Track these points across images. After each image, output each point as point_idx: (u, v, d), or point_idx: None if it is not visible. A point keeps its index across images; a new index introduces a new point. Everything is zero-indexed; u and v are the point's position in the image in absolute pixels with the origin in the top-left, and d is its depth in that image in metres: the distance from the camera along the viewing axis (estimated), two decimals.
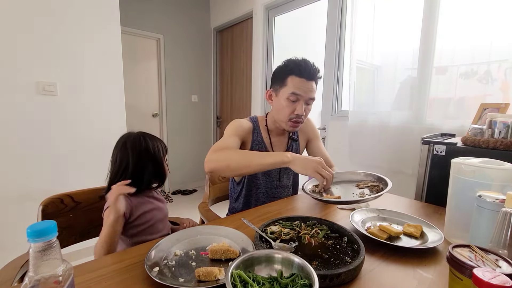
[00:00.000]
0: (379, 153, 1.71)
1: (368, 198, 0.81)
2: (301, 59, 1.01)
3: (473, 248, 0.49)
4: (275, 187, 1.14)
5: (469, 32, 1.38)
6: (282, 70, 1.02)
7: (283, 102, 1.01)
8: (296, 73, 0.98)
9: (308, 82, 0.99)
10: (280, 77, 1.02)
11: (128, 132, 0.94)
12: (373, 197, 0.80)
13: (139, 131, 0.94)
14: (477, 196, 0.60)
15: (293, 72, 0.98)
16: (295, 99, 0.99)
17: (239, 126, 1.05)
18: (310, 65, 0.99)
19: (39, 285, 0.34)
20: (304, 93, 0.99)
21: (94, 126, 1.89)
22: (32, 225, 0.35)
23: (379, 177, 0.97)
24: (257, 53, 2.76)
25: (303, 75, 0.98)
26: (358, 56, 1.79)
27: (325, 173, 0.79)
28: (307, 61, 1.01)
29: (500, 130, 0.94)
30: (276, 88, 1.04)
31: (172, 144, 3.43)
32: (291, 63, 1.00)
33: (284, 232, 0.68)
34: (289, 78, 0.99)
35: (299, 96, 0.99)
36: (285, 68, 1.01)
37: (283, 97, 1.01)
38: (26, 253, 0.85)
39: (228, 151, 0.91)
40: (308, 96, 1.00)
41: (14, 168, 1.64)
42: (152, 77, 3.22)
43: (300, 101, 1.00)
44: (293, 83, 0.98)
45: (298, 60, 1.01)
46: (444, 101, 1.50)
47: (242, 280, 0.44)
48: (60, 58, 1.74)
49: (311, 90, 1.00)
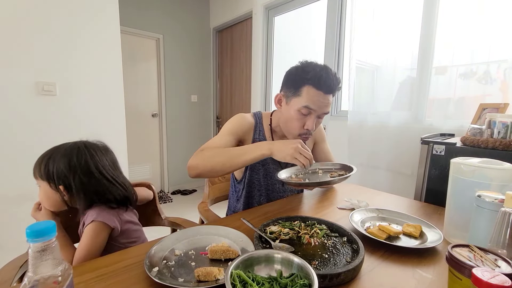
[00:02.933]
0: (379, 153, 1.71)
1: (335, 179, 0.84)
2: (322, 66, 0.88)
3: (472, 248, 0.49)
4: (277, 191, 1.10)
5: (468, 32, 1.38)
6: (299, 76, 0.88)
7: (293, 114, 0.90)
8: (314, 84, 0.85)
9: (325, 96, 0.87)
10: (295, 84, 0.89)
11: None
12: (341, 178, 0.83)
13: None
14: (476, 196, 0.60)
15: (311, 82, 0.86)
16: (307, 113, 0.89)
17: (238, 124, 0.99)
18: (331, 76, 0.86)
19: (38, 285, 0.34)
20: (319, 108, 0.88)
21: (93, 126, 1.89)
22: (31, 225, 0.35)
23: (344, 165, 0.98)
24: (256, 53, 2.76)
25: (322, 88, 0.85)
26: (357, 56, 1.79)
27: (302, 158, 0.77)
28: (328, 70, 0.87)
29: (499, 130, 0.95)
30: (288, 95, 0.91)
31: (171, 144, 3.43)
32: (311, 70, 0.86)
33: (284, 232, 0.68)
34: (305, 88, 0.87)
35: (312, 111, 0.88)
36: (302, 74, 0.87)
37: (294, 107, 0.89)
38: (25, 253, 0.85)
39: (209, 154, 0.85)
40: (323, 111, 0.90)
41: (13, 168, 1.64)
42: (152, 77, 3.21)
43: (312, 115, 0.89)
44: (308, 95, 0.86)
45: (319, 67, 0.87)
46: (443, 101, 1.50)
47: (242, 280, 0.44)
48: (60, 58, 1.74)
49: (326, 105, 0.89)
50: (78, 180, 0.76)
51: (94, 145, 0.83)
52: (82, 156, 0.78)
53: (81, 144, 0.81)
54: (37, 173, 0.77)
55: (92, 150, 0.81)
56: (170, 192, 3.48)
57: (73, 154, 0.77)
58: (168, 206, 3.05)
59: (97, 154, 0.81)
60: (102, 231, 0.76)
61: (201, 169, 0.84)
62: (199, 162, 0.84)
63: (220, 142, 0.92)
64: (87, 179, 0.77)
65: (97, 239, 0.75)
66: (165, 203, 3.12)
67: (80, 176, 0.76)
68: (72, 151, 0.78)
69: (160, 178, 3.46)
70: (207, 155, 0.86)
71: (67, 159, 0.76)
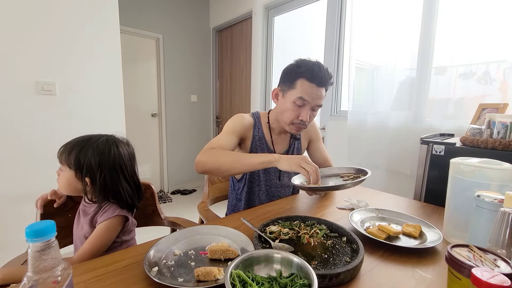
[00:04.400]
0: (378, 153, 1.71)
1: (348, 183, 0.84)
2: (315, 61, 0.96)
3: (471, 248, 0.49)
4: (275, 186, 1.14)
5: (468, 32, 1.38)
6: (293, 70, 0.97)
7: (289, 105, 0.97)
8: (307, 77, 0.93)
9: (318, 89, 0.94)
10: (290, 78, 0.97)
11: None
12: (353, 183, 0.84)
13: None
14: (476, 196, 0.60)
15: (304, 75, 0.93)
16: (302, 104, 0.96)
17: (238, 122, 1.03)
18: (323, 70, 0.94)
19: (37, 285, 0.34)
20: (312, 100, 0.95)
21: (93, 126, 1.89)
22: (30, 224, 0.35)
23: (359, 169, 1.00)
24: (256, 53, 2.76)
25: (314, 81, 0.93)
26: (357, 56, 1.79)
27: (308, 167, 0.80)
28: (321, 65, 0.95)
29: (499, 130, 0.95)
30: (284, 89, 1.00)
31: (171, 144, 3.43)
32: (304, 65, 0.95)
33: (283, 232, 0.68)
34: (299, 81, 0.94)
35: (306, 102, 0.95)
36: (296, 68, 0.96)
37: (289, 99, 0.97)
38: (25, 252, 0.85)
39: (218, 153, 0.89)
40: (316, 103, 0.96)
41: (12, 168, 1.64)
42: (151, 76, 3.21)
43: (306, 107, 0.96)
44: (302, 88, 0.94)
45: (311, 62, 0.95)
46: (443, 101, 1.51)
47: (241, 280, 0.44)
48: (59, 57, 1.74)
49: (319, 97, 0.96)
50: (104, 176, 0.78)
51: (121, 143, 0.86)
52: (112, 154, 0.80)
53: (112, 142, 0.83)
54: (65, 160, 0.78)
55: (121, 149, 0.83)
56: (170, 192, 3.48)
57: (105, 151, 0.79)
58: (168, 206, 3.05)
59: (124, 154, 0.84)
60: (117, 225, 0.80)
61: (208, 166, 0.87)
62: (208, 159, 0.87)
63: (224, 140, 0.96)
64: (111, 176, 0.80)
65: (112, 233, 0.79)
66: (164, 203, 3.12)
67: (107, 173, 0.79)
68: (105, 148, 0.80)
69: (160, 178, 3.46)
70: (216, 153, 0.89)
71: (99, 155, 0.78)
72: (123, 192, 0.81)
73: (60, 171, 0.81)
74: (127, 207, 0.83)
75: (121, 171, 0.82)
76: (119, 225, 0.81)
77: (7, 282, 0.69)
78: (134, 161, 0.88)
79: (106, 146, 0.80)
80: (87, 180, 0.78)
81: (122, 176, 0.82)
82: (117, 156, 0.81)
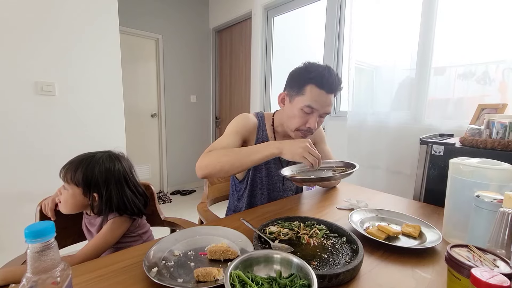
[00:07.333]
0: (378, 153, 1.71)
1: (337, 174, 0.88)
2: (325, 66, 0.91)
3: (471, 248, 0.49)
4: (278, 190, 1.11)
5: (467, 33, 1.38)
6: (302, 75, 0.91)
7: (296, 112, 0.93)
8: (317, 84, 0.88)
9: (327, 96, 0.90)
10: (299, 83, 0.92)
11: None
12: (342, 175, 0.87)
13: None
14: (475, 196, 0.60)
15: (314, 81, 0.89)
16: (310, 112, 0.91)
17: (242, 123, 1.00)
18: (333, 76, 0.90)
19: (37, 286, 0.34)
20: (321, 107, 0.91)
21: (92, 126, 1.89)
22: (30, 225, 0.34)
23: (347, 162, 1.00)
24: (256, 54, 2.76)
25: (324, 87, 0.88)
26: (357, 56, 1.79)
27: (311, 158, 0.78)
28: (331, 70, 0.91)
29: (498, 131, 0.95)
30: (292, 94, 0.94)
31: (171, 144, 3.43)
32: (314, 70, 0.90)
33: (283, 232, 0.68)
34: (308, 87, 0.89)
35: (314, 110, 0.91)
36: (305, 73, 0.91)
37: (297, 106, 0.92)
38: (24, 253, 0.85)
39: (218, 153, 0.86)
40: (325, 110, 0.92)
41: (12, 168, 1.63)
42: (151, 77, 3.21)
43: (315, 114, 0.92)
44: (311, 95, 0.89)
45: (322, 67, 0.90)
46: (442, 102, 1.51)
47: (241, 280, 0.44)
48: (59, 58, 1.74)
49: (328, 104, 0.91)
50: (110, 190, 0.83)
51: (122, 157, 0.90)
52: (117, 170, 0.86)
53: (115, 158, 0.88)
54: (70, 179, 0.81)
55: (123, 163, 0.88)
56: (169, 193, 3.47)
57: (110, 167, 0.84)
58: (167, 207, 3.04)
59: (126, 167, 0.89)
60: (123, 223, 0.84)
61: (210, 169, 0.84)
62: (208, 162, 0.85)
63: (226, 142, 0.93)
64: (116, 190, 0.84)
65: (117, 231, 0.82)
66: (164, 203, 3.12)
67: (113, 187, 0.84)
68: (110, 164, 0.84)
69: (160, 178, 3.46)
70: (215, 155, 0.86)
71: (106, 172, 0.83)
72: (128, 203, 0.85)
73: (63, 189, 0.83)
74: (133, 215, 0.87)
75: (126, 184, 0.86)
76: (125, 222, 0.85)
77: (7, 282, 0.69)
78: (134, 173, 0.92)
79: (111, 163, 0.85)
80: (95, 195, 0.81)
81: (127, 187, 0.86)
82: (121, 171, 0.86)
